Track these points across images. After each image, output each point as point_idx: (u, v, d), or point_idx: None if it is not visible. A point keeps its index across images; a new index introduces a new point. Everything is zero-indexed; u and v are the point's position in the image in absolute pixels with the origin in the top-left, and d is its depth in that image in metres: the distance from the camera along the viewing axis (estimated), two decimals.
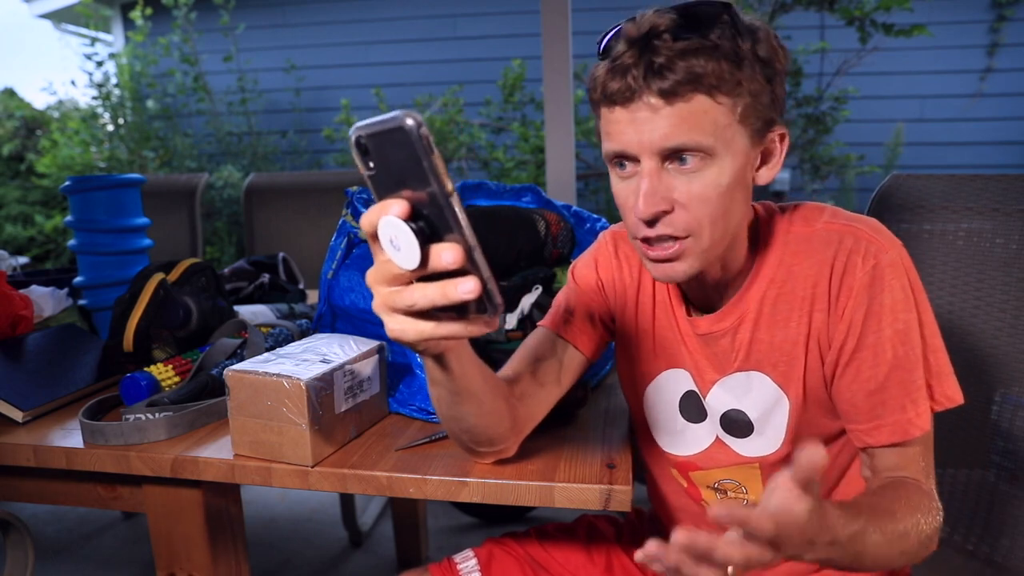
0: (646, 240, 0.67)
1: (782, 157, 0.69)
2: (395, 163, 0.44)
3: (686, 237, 0.65)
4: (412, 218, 0.44)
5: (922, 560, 0.66)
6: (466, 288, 0.44)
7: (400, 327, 0.48)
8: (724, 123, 0.62)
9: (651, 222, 0.65)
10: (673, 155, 0.63)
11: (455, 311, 0.47)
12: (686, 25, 0.61)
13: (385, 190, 0.46)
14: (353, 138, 0.44)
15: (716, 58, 0.60)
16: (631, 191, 0.66)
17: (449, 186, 0.43)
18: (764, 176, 0.69)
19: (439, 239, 0.45)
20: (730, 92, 0.62)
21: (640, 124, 0.62)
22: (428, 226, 0.45)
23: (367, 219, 0.46)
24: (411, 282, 0.47)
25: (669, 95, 0.61)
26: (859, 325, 0.68)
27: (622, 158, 0.66)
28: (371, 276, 0.48)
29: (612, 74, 0.63)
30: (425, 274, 0.45)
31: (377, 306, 0.48)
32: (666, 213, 0.64)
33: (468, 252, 0.44)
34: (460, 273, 0.44)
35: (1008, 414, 0.92)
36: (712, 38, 0.61)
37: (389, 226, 0.44)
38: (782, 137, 0.69)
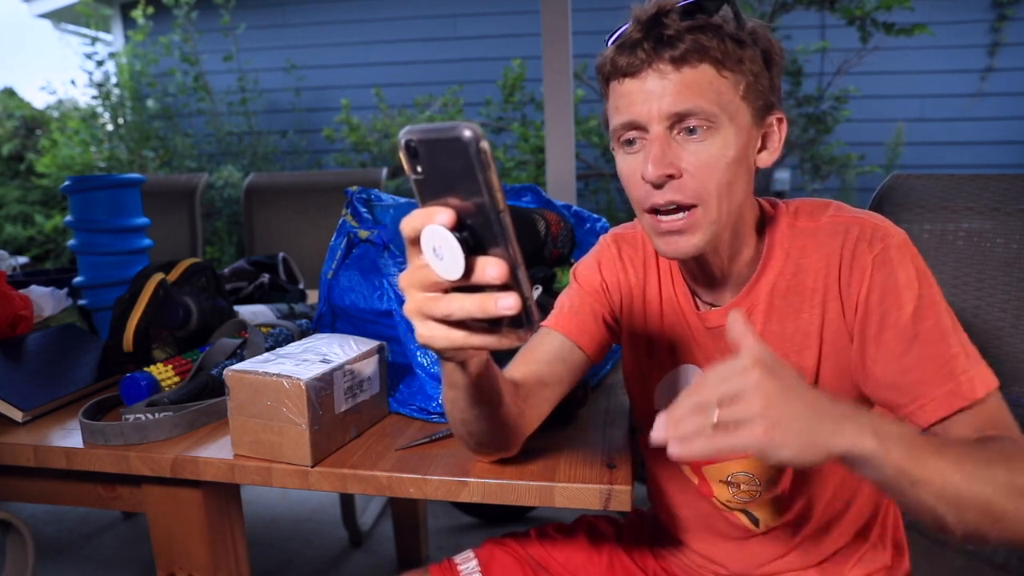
0: (655, 211, 0.68)
1: (781, 142, 0.71)
2: (446, 171, 0.43)
3: (694, 206, 0.67)
4: (456, 227, 0.44)
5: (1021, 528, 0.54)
6: (506, 304, 0.43)
7: (431, 334, 0.47)
8: (728, 96, 0.65)
9: (659, 187, 0.66)
10: (680, 123, 0.65)
11: (488, 322, 0.46)
12: (691, 8, 0.65)
13: (431, 196, 0.45)
14: (403, 141, 0.43)
15: (720, 36, 0.64)
16: (638, 163, 0.67)
17: (502, 203, 0.42)
18: (765, 159, 0.71)
19: (483, 251, 0.44)
20: (734, 68, 0.65)
21: (649, 92, 0.65)
22: (472, 237, 0.44)
23: (409, 223, 0.45)
24: (447, 290, 0.46)
25: (678, 61, 0.64)
26: (877, 307, 0.67)
27: (631, 129, 0.67)
28: (405, 280, 0.47)
29: (621, 49, 0.66)
30: (464, 284, 0.45)
31: (410, 311, 0.47)
32: (673, 178, 0.66)
33: (512, 268, 0.43)
34: (501, 286, 0.44)
35: None
36: (716, 19, 0.65)
37: (434, 235, 0.44)
38: (780, 121, 0.71)
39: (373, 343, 0.87)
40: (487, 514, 2.05)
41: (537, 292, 1.04)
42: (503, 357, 0.82)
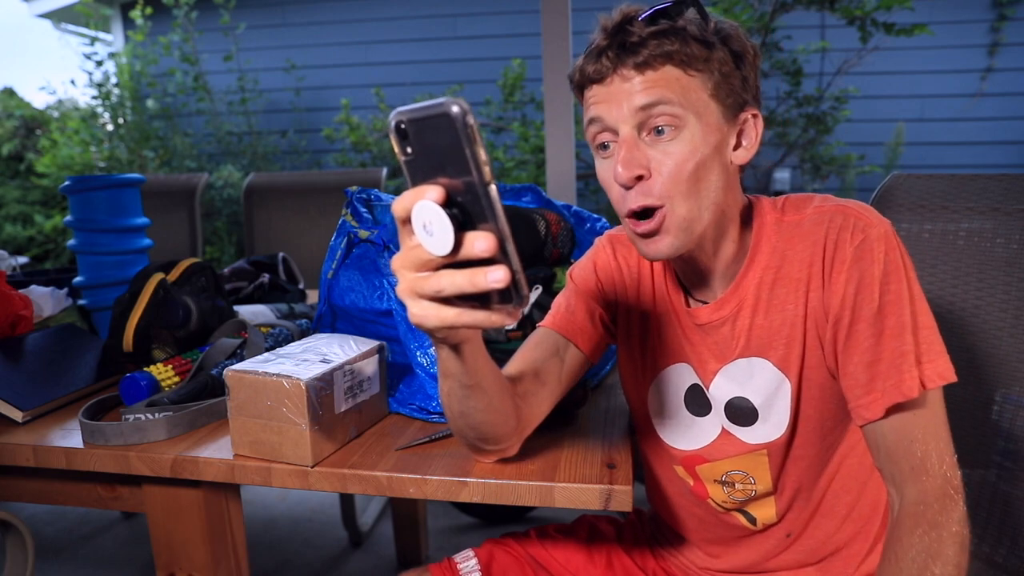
0: (632, 216, 0.69)
1: (758, 137, 0.72)
2: (434, 149, 0.44)
3: (661, 206, 0.67)
4: (446, 204, 0.45)
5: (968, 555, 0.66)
6: (496, 277, 0.44)
7: (423, 312, 0.48)
8: (696, 95, 0.66)
9: (629, 188, 0.67)
10: (648, 123, 0.66)
11: (478, 300, 0.47)
12: (656, 14, 0.67)
13: (421, 176, 0.46)
14: (393, 123, 0.44)
15: (685, 39, 0.65)
16: (612, 167, 0.68)
17: (489, 176, 0.43)
18: (741, 156, 0.72)
19: (472, 227, 0.45)
20: (700, 68, 0.66)
21: (614, 95, 0.67)
22: (462, 213, 0.45)
23: (400, 204, 0.46)
24: (438, 269, 0.47)
25: (642, 66, 0.66)
26: (852, 298, 0.68)
27: (602, 131, 0.69)
28: (397, 261, 0.48)
29: (589, 58, 0.68)
30: (454, 261, 0.46)
31: (402, 291, 0.49)
32: (642, 179, 0.67)
33: (501, 242, 0.44)
34: (489, 262, 0.45)
35: (1009, 414, 0.92)
36: (681, 23, 0.66)
37: (424, 211, 0.45)
38: (755, 116, 0.71)
39: (373, 343, 0.87)
40: (487, 514, 2.05)
41: (537, 292, 1.04)
42: (502, 359, 0.82)
